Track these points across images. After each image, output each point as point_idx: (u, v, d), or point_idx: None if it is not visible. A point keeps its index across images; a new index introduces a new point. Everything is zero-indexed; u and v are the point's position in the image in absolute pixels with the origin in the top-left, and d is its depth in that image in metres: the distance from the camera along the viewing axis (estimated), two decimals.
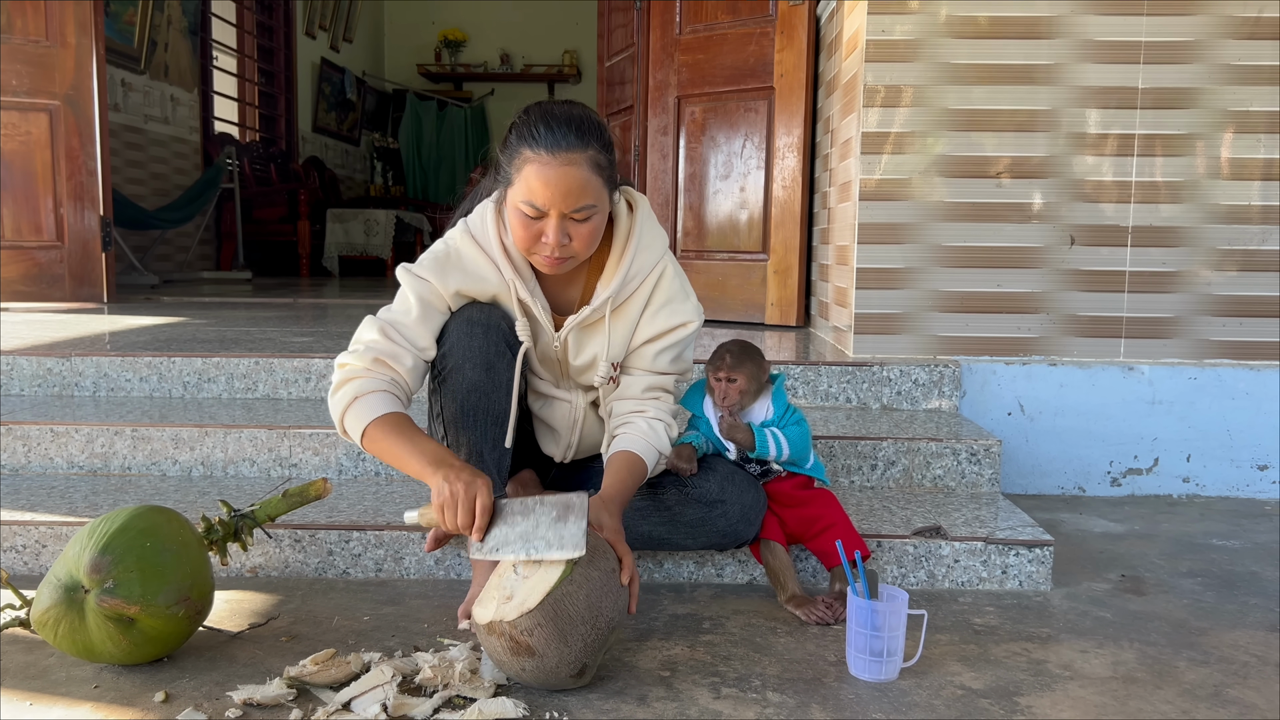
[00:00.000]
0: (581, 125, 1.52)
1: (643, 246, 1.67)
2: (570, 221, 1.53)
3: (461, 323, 1.64)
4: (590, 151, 1.52)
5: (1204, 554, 2.13)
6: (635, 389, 1.72)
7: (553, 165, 1.49)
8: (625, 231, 1.66)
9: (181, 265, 6.34)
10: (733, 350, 1.75)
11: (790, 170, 3.35)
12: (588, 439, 1.82)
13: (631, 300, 1.69)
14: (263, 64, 7.72)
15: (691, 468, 1.71)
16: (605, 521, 1.48)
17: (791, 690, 1.43)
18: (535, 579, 1.37)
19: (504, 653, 1.35)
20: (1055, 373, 2.61)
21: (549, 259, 1.56)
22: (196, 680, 1.43)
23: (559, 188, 1.50)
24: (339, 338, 2.95)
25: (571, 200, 1.51)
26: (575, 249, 1.56)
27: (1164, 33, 2.51)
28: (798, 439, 1.76)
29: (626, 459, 1.63)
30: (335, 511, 1.96)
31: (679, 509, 1.71)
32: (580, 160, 1.50)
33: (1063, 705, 1.40)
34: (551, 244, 1.53)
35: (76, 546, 1.43)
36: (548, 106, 1.55)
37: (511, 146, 1.54)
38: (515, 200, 1.54)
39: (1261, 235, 2.56)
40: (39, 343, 2.74)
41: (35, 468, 2.23)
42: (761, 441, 1.74)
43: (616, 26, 4.13)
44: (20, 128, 3.92)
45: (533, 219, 1.53)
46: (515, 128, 1.55)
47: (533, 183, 1.50)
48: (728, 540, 1.73)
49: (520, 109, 1.58)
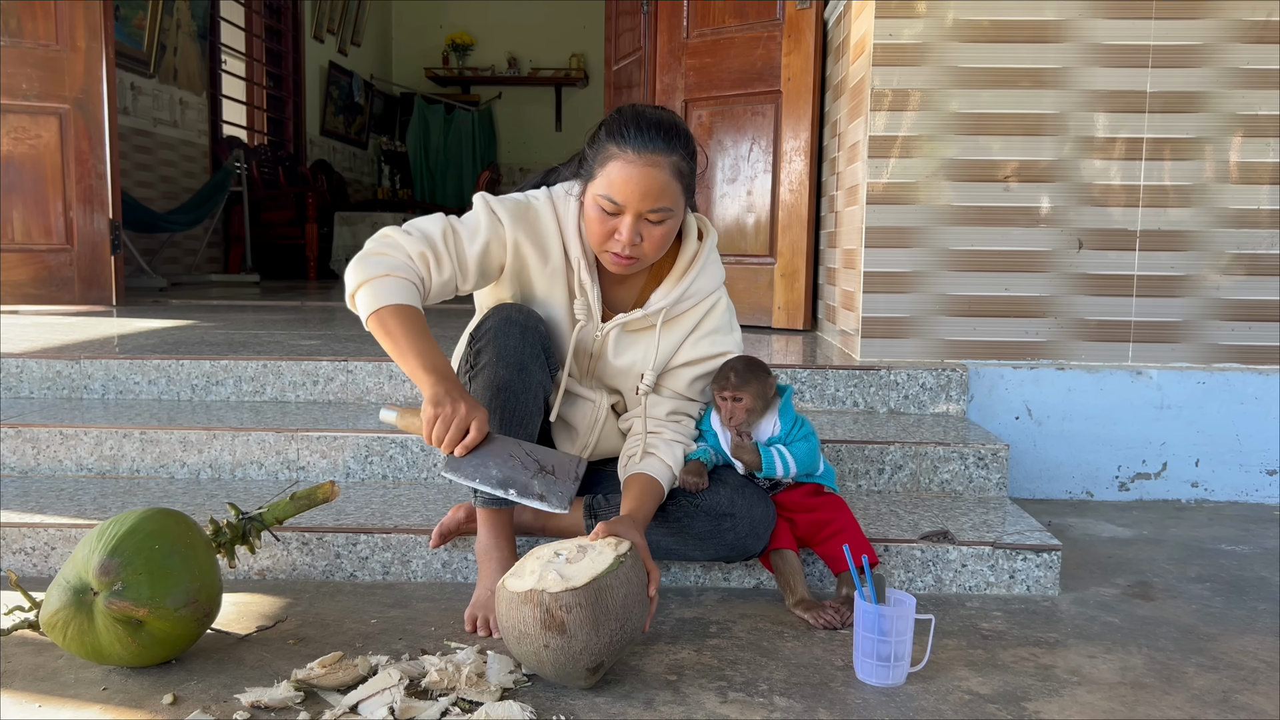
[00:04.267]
0: (670, 131, 1.57)
1: (705, 271, 1.72)
2: (645, 222, 1.58)
3: (500, 320, 1.65)
4: (674, 157, 1.57)
5: (1212, 559, 2.13)
6: (660, 410, 1.75)
7: (637, 164, 1.54)
8: (692, 252, 1.72)
9: (190, 268, 6.37)
10: (737, 368, 1.72)
11: (797, 174, 3.35)
12: (605, 441, 1.82)
13: (684, 318, 1.73)
14: (271, 68, 7.74)
15: (702, 483, 1.71)
16: (634, 538, 1.49)
17: (798, 695, 1.43)
18: (584, 564, 1.40)
19: (533, 625, 1.35)
20: (1063, 377, 2.61)
21: (618, 257, 1.60)
22: (204, 682, 1.44)
23: (640, 186, 1.54)
24: (346, 340, 2.96)
25: (650, 200, 1.55)
26: (645, 250, 1.60)
27: (1172, 36, 2.50)
28: (805, 455, 1.74)
29: (646, 482, 1.65)
30: (342, 514, 1.96)
31: (688, 521, 1.71)
32: (664, 163, 1.56)
33: (1070, 711, 1.40)
34: (624, 241, 1.57)
35: (85, 549, 1.44)
36: (640, 109, 1.61)
37: (599, 142, 1.60)
38: (595, 193, 1.58)
39: (1270, 239, 2.55)
40: (48, 345, 2.75)
41: (44, 470, 2.24)
42: (769, 462, 1.72)
43: (624, 30, 4.14)
44: (30, 131, 3.94)
45: (609, 214, 1.57)
46: (605, 125, 1.61)
47: (615, 178, 1.55)
48: (735, 553, 1.73)
49: (613, 109, 1.64)
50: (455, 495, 2.10)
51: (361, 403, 2.52)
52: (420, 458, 2.20)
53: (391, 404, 1.80)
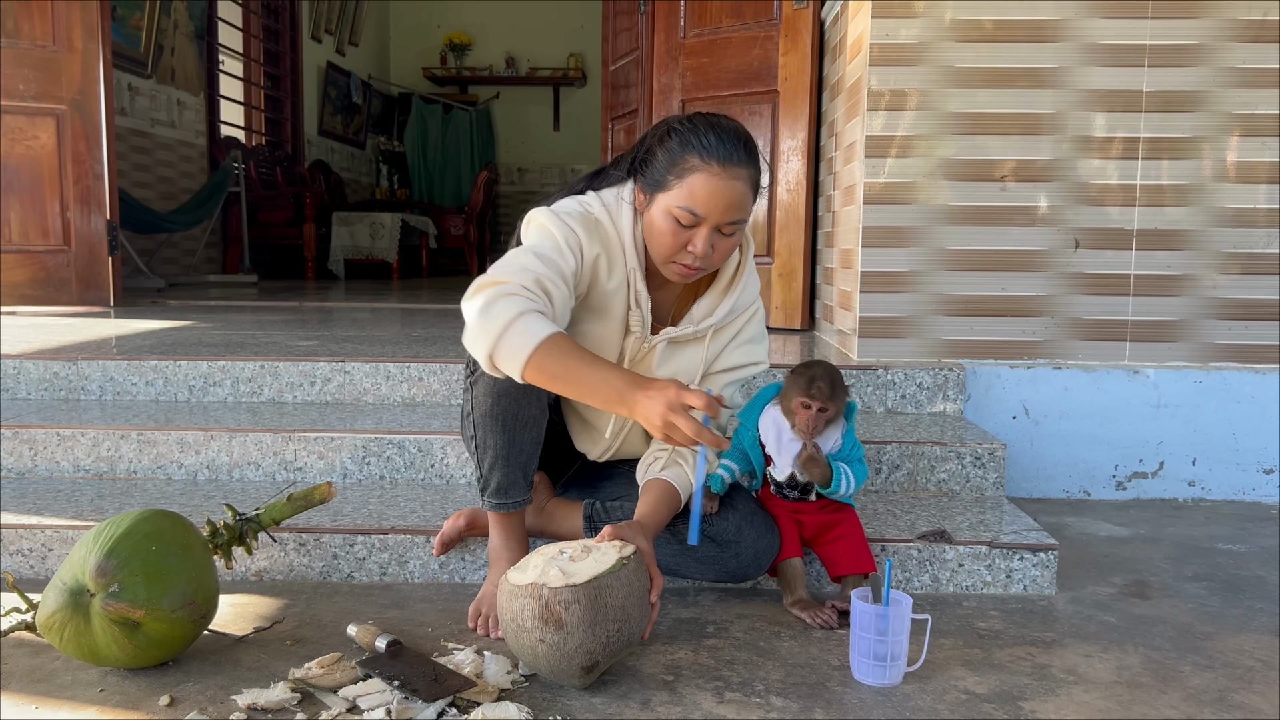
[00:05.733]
0: (749, 143, 1.55)
1: (749, 284, 1.72)
2: (719, 234, 1.55)
3: None
4: (754, 169, 1.55)
5: (1209, 558, 2.13)
6: None
7: (723, 177, 1.51)
8: (737, 263, 1.70)
9: (187, 269, 6.37)
10: (826, 379, 1.67)
11: (795, 173, 3.35)
12: (629, 445, 1.80)
13: (727, 329, 1.72)
14: (269, 68, 7.74)
15: (712, 507, 1.71)
16: (640, 544, 1.49)
17: (795, 695, 1.43)
18: (586, 563, 1.40)
19: (531, 619, 1.35)
20: (1060, 376, 2.61)
21: (687, 269, 1.57)
22: (201, 684, 1.44)
23: (724, 199, 1.51)
24: (344, 341, 2.96)
25: (731, 213, 1.53)
26: (714, 260, 1.58)
27: (1168, 36, 2.51)
28: (862, 476, 1.74)
29: (666, 492, 1.64)
30: (340, 515, 1.96)
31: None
32: (745, 176, 1.53)
33: (1067, 710, 1.40)
34: (699, 253, 1.53)
35: (82, 550, 1.44)
36: (714, 118, 1.56)
37: (674, 151, 1.53)
38: (671, 204, 1.53)
39: (1267, 238, 2.55)
40: (45, 346, 2.75)
41: (41, 471, 2.24)
42: (836, 479, 1.70)
43: (621, 30, 4.14)
44: (27, 132, 3.93)
45: (685, 227, 1.53)
46: (678, 134, 1.54)
47: (698, 190, 1.51)
48: (736, 578, 1.74)
49: (674, 117, 1.59)
50: (452, 498, 2.10)
51: (359, 403, 2.52)
52: (417, 458, 2.20)
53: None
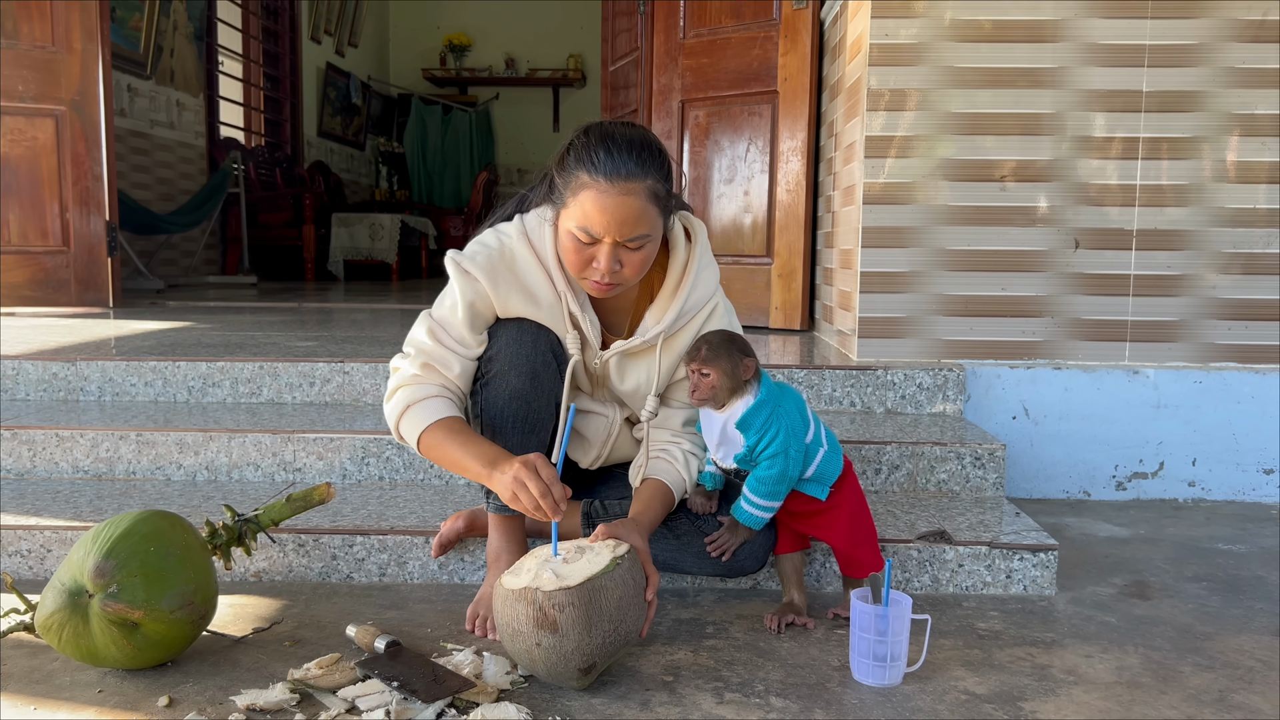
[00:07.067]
0: (642, 153, 1.49)
1: (699, 280, 1.65)
2: (623, 249, 1.51)
3: (512, 328, 1.62)
4: (649, 181, 1.49)
5: (1209, 558, 2.13)
6: (675, 421, 1.73)
7: (611, 194, 1.47)
8: (683, 263, 1.64)
9: (187, 270, 6.36)
10: (711, 341, 1.60)
11: (794, 174, 3.35)
12: (618, 451, 1.80)
13: (683, 333, 1.67)
14: (268, 69, 7.74)
15: (710, 507, 1.71)
16: (635, 542, 1.49)
17: (795, 695, 1.43)
18: (580, 564, 1.40)
19: (526, 623, 1.35)
20: (1060, 376, 2.61)
21: (598, 284, 1.55)
22: (200, 685, 1.43)
23: (615, 216, 1.47)
24: (343, 342, 2.96)
25: (627, 229, 1.49)
26: (625, 275, 1.54)
27: (1168, 36, 2.50)
28: (774, 480, 1.60)
29: (659, 489, 1.64)
30: (339, 516, 1.96)
31: (688, 539, 1.71)
32: (639, 190, 1.48)
33: (1067, 710, 1.40)
34: (603, 270, 1.51)
35: (81, 551, 1.43)
36: (609, 129, 1.52)
37: (569, 169, 1.51)
38: (568, 224, 1.51)
39: (1267, 238, 2.55)
40: (44, 347, 2.75)
41: (40, 472, 2.23)
42: (749, 519, 1.64)
43: (621, 31, 4.14)
44: (26, 133, 3.93)
45: (585, 244, 1.51)
46: (574, 149, 1.52)
47: (589, 209, 1.48)
48: (732, 574, 1.74)
49: (579, 128, 1.56)
50: (451, 499, 2.10)
51: (358, 404, 2.51)
52: (416, 459, 2.20)
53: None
